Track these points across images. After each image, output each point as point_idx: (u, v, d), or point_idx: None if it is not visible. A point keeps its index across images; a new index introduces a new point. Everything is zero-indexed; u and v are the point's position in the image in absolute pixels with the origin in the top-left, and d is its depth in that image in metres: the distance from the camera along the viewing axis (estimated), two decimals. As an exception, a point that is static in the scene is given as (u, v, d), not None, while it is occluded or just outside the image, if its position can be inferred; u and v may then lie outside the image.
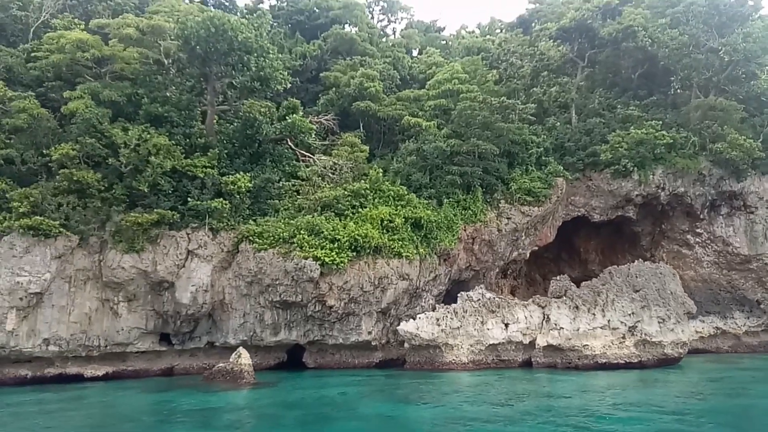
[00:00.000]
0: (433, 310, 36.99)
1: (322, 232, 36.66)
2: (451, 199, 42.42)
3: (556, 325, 34.20)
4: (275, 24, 56.98)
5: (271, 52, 38.55)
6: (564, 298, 35.44)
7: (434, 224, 40.08)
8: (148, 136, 35.53)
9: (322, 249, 35.75)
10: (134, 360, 35.36)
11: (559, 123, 49.16)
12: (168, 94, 40.31)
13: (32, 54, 39.96)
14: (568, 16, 48.02)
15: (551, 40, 51.36)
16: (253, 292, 36.33)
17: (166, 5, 44.11)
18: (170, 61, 40.56)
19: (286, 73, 40.72)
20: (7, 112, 35.54)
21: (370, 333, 36.61)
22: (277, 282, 35.57)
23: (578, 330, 34.01)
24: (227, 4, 55.12)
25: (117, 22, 38.37)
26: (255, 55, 37.16)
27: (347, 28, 59.41)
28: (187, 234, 36.08)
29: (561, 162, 46.67)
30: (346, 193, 39.79)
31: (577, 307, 35.07)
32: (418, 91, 49.61)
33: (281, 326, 36.79)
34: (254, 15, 41.13)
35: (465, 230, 41.95)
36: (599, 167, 47.27)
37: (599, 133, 48.20)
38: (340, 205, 39.27)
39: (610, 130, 48.05)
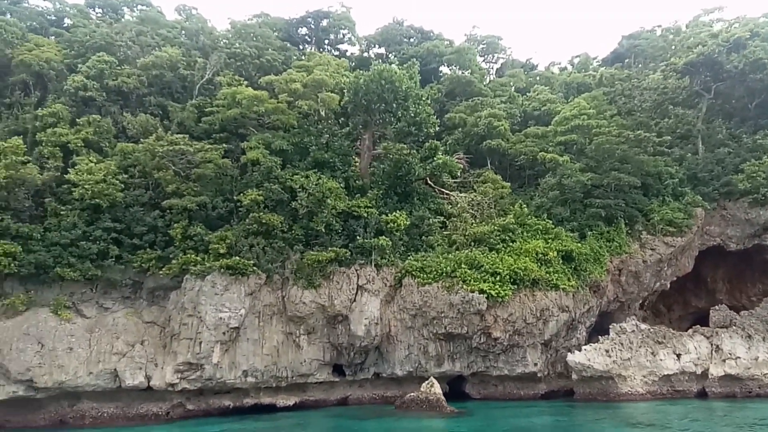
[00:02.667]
0: (597, 342, 37.66)
1: (482, 265, 38.31)
2: (594, 232, 43.43)
3: (731, 354, 34.35)
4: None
5: (423, 98, 41.21)
6: (734, 327, 35.56)
7: (584, 257, 41.12)
8: (322, 180, 38.42)
9: (484, 282, 37.31)
10: (313, 390, 37.42)
11: (689, 154, 49.73)
12: (323, 141, 43.53)
13: (205, 109, 44.11)
14: (695, 51, 49.15)
15: (676, 74, 52.41)
16: (417, 325, 38.04)
17: (311, 62, 47.85)
18: (326, 110, 43.88)
19: (434, 117, 43.31)
20: (192, 162, 39.17)
21: (535, 365, 37.56)
22: (442, 315, 37.19)
23: (756, 359, 34.01)
24: (367, 55, 58.68)
25: (284, 78, 42.09)
26: (413, 102, 39.87)
27: (458, 71, 62.19)
28: (356, 270, 38.41)
29: (695, 192, 47.07)
30: (495, 228, 41.47)
31: (750, 336, 35.12)
32: (544, 127, 51.36)
33: (445, 358, 38.18)
34: (405, 65, 44.16)
35: (611, 262, 42.74)
36: (734, 196, 47.33)
37: (731, 162, 48.46)
38: (491, 239, 40.95)
39: (741, 159, 48.28)
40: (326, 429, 29.01)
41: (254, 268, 35.74)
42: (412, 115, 40.06)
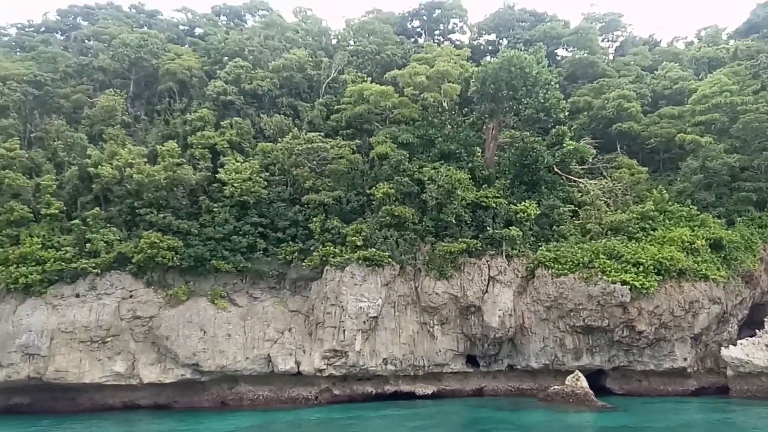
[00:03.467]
0: (754, 336, 34.88)
1: (623, 255, 36.68)
2: (744, 218, 40.18)
3: None
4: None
5: (552, 83, 39.99)
6: None
7: (734, 245, 38.13)
8: (450, 171, 38.54)
9: (626, 273, 35.72)
10: (448, 380, 37.87)
11: None
12: (446, 132, 43.57)
13: (331, 107, 45.77)
14: None
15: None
16: (552, 317, 37.20)
17: (430, 54, 47.92)
18: (448, 101, 43.88)
19: (564, 102, 41.94)
20: (325, 158, 40.74)
21: (685, 359, 35.52)
22: (580, 307, 36.09)
23: None
24: (477, 43, 58.12)
25: (408, 71, 42.63)
26: (541, 87, 38.81)
27: (578, 53, 59.59)
28: (487, 261, 38.23)
29: None
30: (633, 215, 39.51)
31: None
32: (679, 107, 48.00)
33: (583, 351, 37.03)
34: (533, 49, 43.17)
35: (765, 250, 39.34)
36: None
37: None
38: (629, 228, 39.09)
39: None
40: (480, 419, 29.22)
41: (389, 259, 36.72)
42: (542, 101, 39.00)
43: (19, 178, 37.38)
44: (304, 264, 37.24)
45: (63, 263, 34.98)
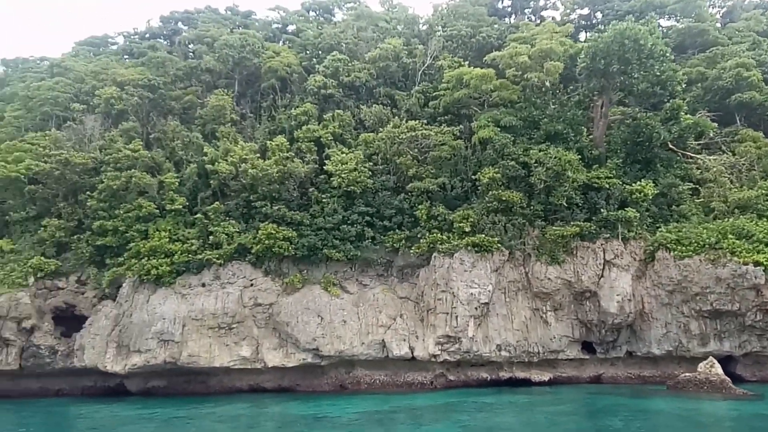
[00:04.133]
0: None
1: (754, 234, 34.18)
2: None
3: None
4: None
5: (667, 54, 37.67)
6: None
7: None
8: (560, 153, 37.36)
9: (759, 253, 33.24)
10: (564, 367, 37.01)
11: None
12: (549, 113, 42.20)
13: (428, 93, 45.64)
14: None
15: None
16: (675, 301, 35.30)
17: (528, 32, 46.52)
18: (550, 80, 42.47)
19: (681, 73, 39.46)
20: (426, 146, 40.66)
21: (831, 346, 32.69)
22: (707, 290, 34.00)
23: None
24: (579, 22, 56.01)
25: (508, 52, 41.66)
26: (656, 60, 36.68)
27: (684, 21, 55.80)
28: (602, 244, 36.83)
29: None
30: (763, 191, 36.66)
31: None
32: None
33: (710, 336, 34.92)
34: (644, 20, 40.98)
35: None
36: None
37: None
38: (759, 205, 36.31)
39: None
40: (610, 407, 28.21)
41: (498, 244, 36.25)
42: (657, 74, 36.83)
43: (145, 177, 40.17)
44: (411, 251, 37.50)
45: (189, 255, 37.30)
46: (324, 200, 39.38)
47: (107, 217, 39.53)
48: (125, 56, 63.07)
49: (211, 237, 37.86)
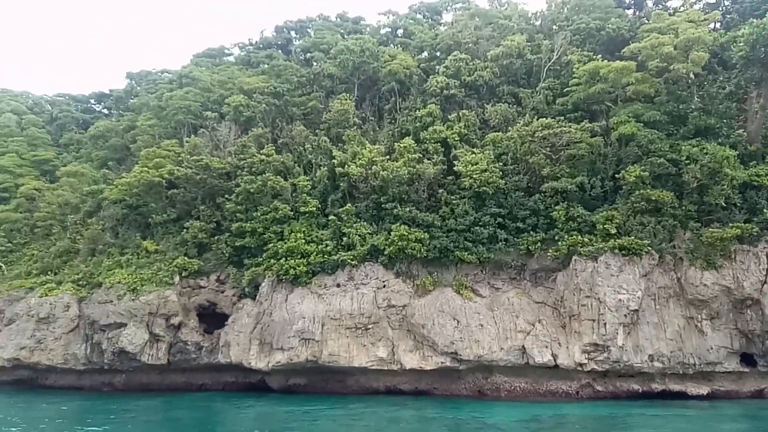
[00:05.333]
0: None
1: None
2: None
3: None
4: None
5: None
6: None
7: None
8: (716, 149, 34.59)
9: None
10: (721, 380, 34.11)
11: None
12: (693, 106, 39.27)
13: (555, 90, 43.96)
14: None
15: None
16: None
17: (664, 23, 43.53)
18: (694, 72, 39.50)
19: None
20: (559, 144, 38.97)
21: None
22: None
23: None
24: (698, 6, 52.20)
25: (650, 43, 39.15)
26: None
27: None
28: (764, 248, 33.68)
29: None
30: None
31: None
32: None
33: None
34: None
35: None
36: None
37: None
38: None
39: None
40: None
41: (648, 247, 34.02)
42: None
43: (279, 180, 41.43)
44: (548, 254, 36.05)
45: (324, 256, 37.97)
46: (453, 202, 38.80)
47: (244, 219, 41.14)
48: (242, 66, 65.88)
49: (344, 238, 38.36)
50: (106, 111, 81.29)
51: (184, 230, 42.65)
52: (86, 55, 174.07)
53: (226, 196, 42.83)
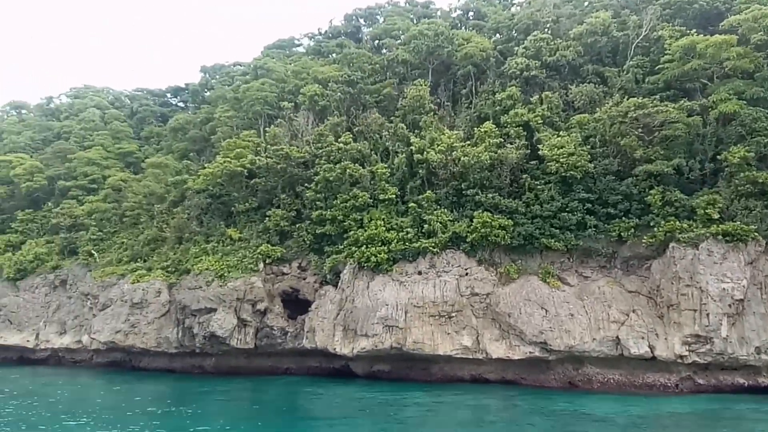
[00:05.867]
0: None
1: None
2: None
3: None
4: None
5: None
6: None
7: None
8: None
9: None
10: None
11: None
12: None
13: (645, 68, 41.63)
14: None
15: None
16: None
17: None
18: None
19: None
20: (652, 125, 36.84)
21: None
22: None
23: None
24: None
25: (752, 15, 36.31)
26: None
27: None
28: None
29: None
30: None
31: None
32: None
33: None
34: None
35: None
36: None
37: None
38: None
39: None
40: None
41: (755, 233, 31.75)
42: None
43: (358, 168, 41.43)
44: (643, 241, 34.30)
45: (405, 243, 37.75)
46: (538, 187, 37.59)
47: (324, 207, 41.49)
48: (313, 56, 66.30)
49: (425, 226, 37.96)
50: (182, 104, 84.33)
51: (267, 218, 43.54)
52: (162, 51, 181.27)
53: (306, 184, 43.30)
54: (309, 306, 40.02)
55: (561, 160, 36.51)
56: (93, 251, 51.48)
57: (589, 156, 37.04)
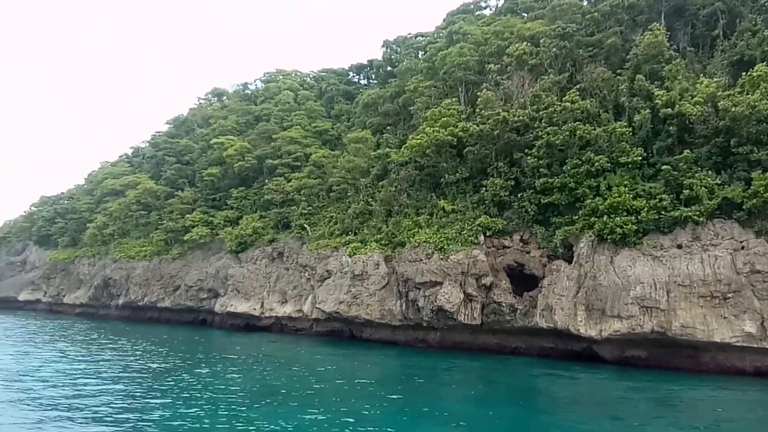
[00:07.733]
0: None
1: None
2: None
3: None
4: None
5: None
6: None
7: None
8: None
9: None
10: None
11: None
12: None
13: None
14: None
15: None
16: None
17: None
18: None
19: None
20: None
21: None
22: None
23: None
24: None
25: None
26: None
27: None
28: None
29: None
30: None
31: None
32: None
33: None
34: None
35: None
36: None
37: None
38: None
39: None
40: None
41: None
42: None
43: (591, 129, 36.93)
44: None
45: (659, 212, 32.72)
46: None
47: (549, 175, 37.80)
48: (507, 15, 61.97)
49: (686, 191, 32.49)
50: (364, 81, 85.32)
51: (483, 188, 41.06)
52: (342, 32, 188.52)
53: (525, 150, 39.88)
54: (535, 282, 36.95)
55: None
56: (305, 225, 53.42)
57: None
